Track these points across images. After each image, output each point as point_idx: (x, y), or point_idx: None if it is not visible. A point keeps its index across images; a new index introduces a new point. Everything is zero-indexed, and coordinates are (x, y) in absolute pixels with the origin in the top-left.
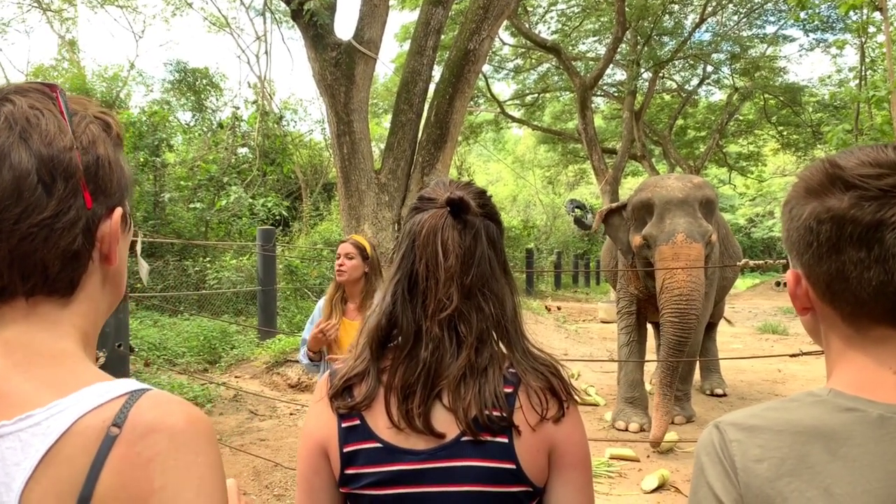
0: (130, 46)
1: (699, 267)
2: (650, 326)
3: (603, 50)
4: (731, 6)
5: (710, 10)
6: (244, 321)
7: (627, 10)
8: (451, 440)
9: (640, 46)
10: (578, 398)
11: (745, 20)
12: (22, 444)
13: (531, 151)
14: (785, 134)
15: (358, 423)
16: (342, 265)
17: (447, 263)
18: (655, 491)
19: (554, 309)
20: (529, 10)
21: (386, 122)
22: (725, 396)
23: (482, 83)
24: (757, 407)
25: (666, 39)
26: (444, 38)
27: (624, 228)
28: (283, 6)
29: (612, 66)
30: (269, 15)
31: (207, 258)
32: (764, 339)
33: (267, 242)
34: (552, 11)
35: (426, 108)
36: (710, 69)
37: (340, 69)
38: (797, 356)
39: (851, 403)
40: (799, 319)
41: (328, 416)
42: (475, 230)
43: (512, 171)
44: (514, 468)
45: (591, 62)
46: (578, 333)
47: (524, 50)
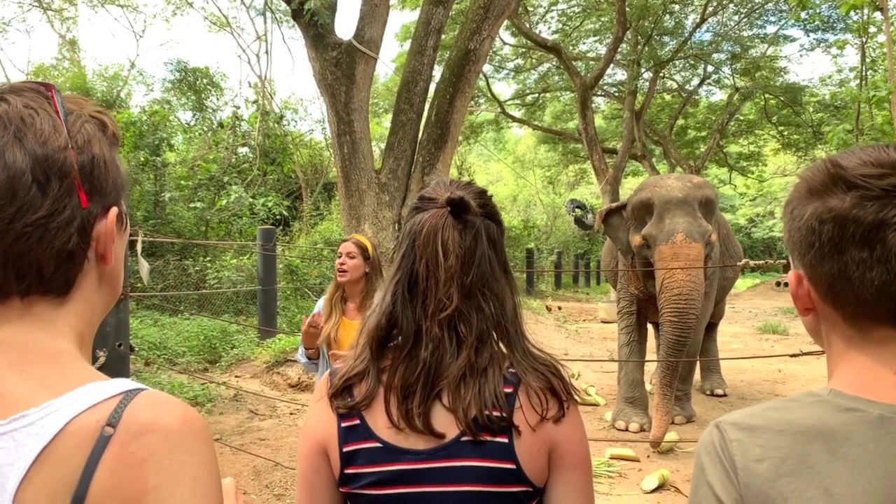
0: (131, 46)
1: (699, 267)
2: (650, 326)
3: (603, 50)
4: (731, 6)
5: (710, 9)
6: (244, 321)
7: (628, 9)
8: (450, 440)
9: (640, 46)
10: (579, 398)
11: (745, 20)
12: (16, 444)
13: (532, 151)
14: (785, 134)
15: (358, 422)
16: (344, 264)
17: (447, 263)
18: (655, 491)
19: (554, 309)
20: (530, 9)
21: (386, 121)
22: (726, 396)
23: (483, 83)
24: (757, 407)
25: (666, 39)
26: (444, 37)
27: (624, 228)
28: (283, 6)
29: (612, 65)
30: (269, 14)
31: (208, 258)
32: (764, 339)
33: (267, 242)
34: (553, 11)
35: (427, 107)
36: (710, 69)
37: (341, 69)
38: (797, 356)
39: (852, 403)
40: (799, 319)
41: (328, 415)
42: (475, 230)
43: (512, 170)
44: (513, 468)
45: (591, 62)
46: (579, 333)
47: (525, 50)
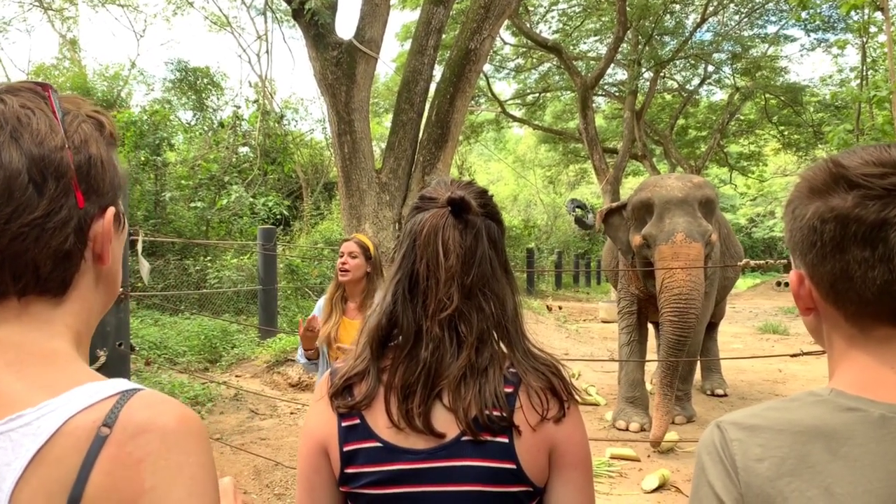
0: (131, 45)
1: (699, 267)
2: (651, 326)
3: (604, 49)
4: (732, 6)
5: (711, 9)
6: (245, 320)
7: (628, 9)
8: (451, 440)
9: (641, 46)
10: (579, 398)
11: (746, 20)
12: (13, 444)
13: (532, 151)
14: (786, 134)
15: (358, 422)
16: (346, 264)
17: (448, 263)
18: (656, 491)
19: (555, 308)
20: (530, 9)
21: (387, 121)
22: (726, 396)
23: (483, 83)
24: (758, 406)
25: (667, 39)
26: (445, 37)
27: (624, 228)
28: (284, 5)
29: (613, 65)
30: (270, 14)
31: (208, 257)
32: (764, 339)
33: (268, 242)
34: (553, 11)
35: (427, 107)
36: (711, 69)
37: (341, 68)
38: (798, 356)
39: (853, 403)
40: (800, 319)
41: (328, 415)
42: (476, 230)
43: (513, 170)
44: (514, 468)
45: (592, 62)
46: (579, 333)
47: (525, 49)
